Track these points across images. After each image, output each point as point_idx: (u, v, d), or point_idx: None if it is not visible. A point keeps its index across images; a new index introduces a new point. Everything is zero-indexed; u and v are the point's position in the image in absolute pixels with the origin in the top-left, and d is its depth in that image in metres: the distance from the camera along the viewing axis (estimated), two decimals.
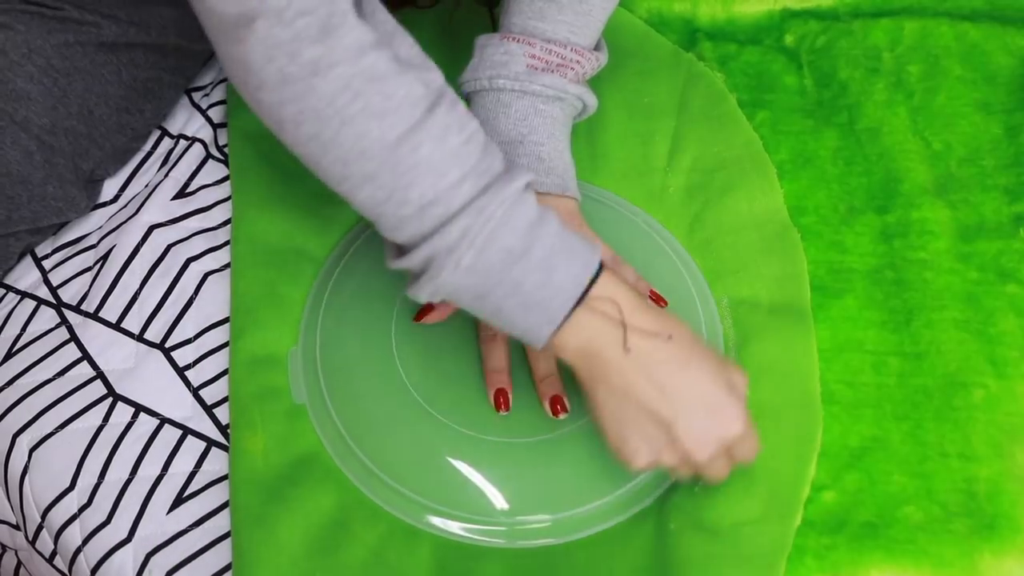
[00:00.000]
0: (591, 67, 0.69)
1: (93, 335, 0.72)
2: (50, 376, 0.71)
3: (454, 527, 0.63)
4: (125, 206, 0.79)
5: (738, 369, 0.60)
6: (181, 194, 0.78)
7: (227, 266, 0.74)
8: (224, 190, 0.78)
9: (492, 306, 0.56)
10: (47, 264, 0.77)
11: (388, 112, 0.52)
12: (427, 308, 0.68)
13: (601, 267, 0.57)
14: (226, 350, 0.70)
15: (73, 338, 0.72)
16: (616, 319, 0.56)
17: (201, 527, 0.64)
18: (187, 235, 0.76)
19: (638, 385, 0.56)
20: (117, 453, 0.67)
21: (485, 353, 0.66)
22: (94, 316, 0.73)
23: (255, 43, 0.50)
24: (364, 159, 0.53)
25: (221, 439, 0.68)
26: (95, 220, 0.79)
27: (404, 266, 0.56)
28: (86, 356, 0.71)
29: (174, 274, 0.74)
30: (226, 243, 0.75)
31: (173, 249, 0.75)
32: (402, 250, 0.56)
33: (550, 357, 0.65)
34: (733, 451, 0.58)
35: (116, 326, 0.72)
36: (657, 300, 0.68)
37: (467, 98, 0.70)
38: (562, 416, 0.65)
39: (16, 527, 0.71)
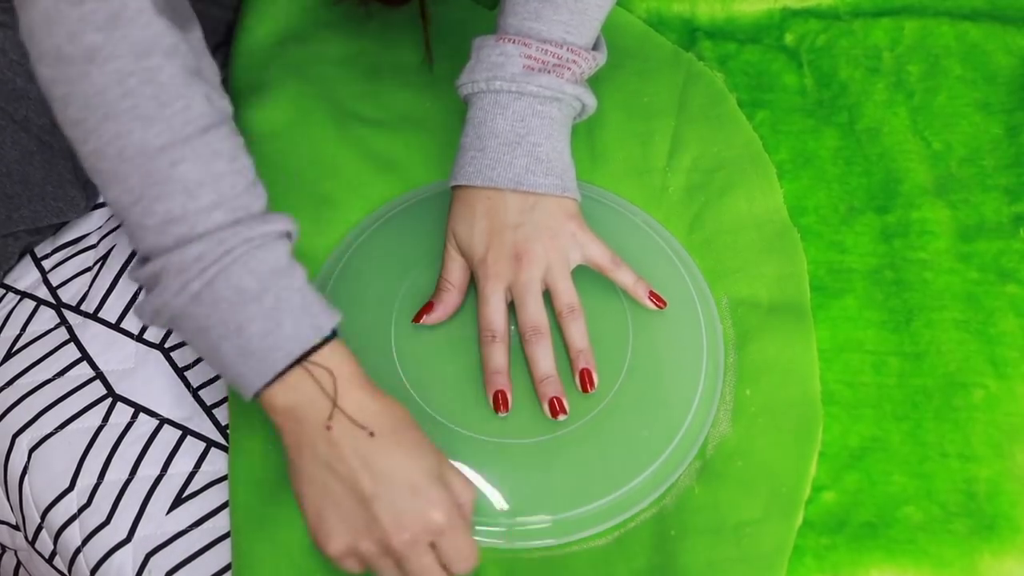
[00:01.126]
0: (588, 67, 0.69)
1: (93, 335, 0.72)
2: (50, 376, 0.71)
3: None
4: None
5: (460, 475, 0.57)
6: None
7: None
8: None
9: (211, 343, 0.54)
10: (47, 264, 0.77)
11: (157, 119, 0.51)
12: (427, 308, 0.68)
13: (333, 337, 0.55)
14: None
15: (73, 338, 0.72)
16: (328, 392, 0.54)
17: (200, 527, 0.64)
18: None
19: (343, 457, 0.54)
20: (116, 453, 0.67)
21: (485, 355, 0.66)
22: (94, 316, 0.73)
23: (40, 13, 0.50)
24: (119, 159, 0.52)
25: (220, 439, 0.68)
26: (95, 220, 0.79)
27: (137, 277, 0.54)
28: (86, 356, 0.71)
29: None
30: None
31: None
32: (134, 270, 0.55)
33: (550, 358, 0.65)
34: (441, 550, 0.55)
35: (116, 326, 0.72)
36: (656, 301, 0.68)
37: (464, 100, 0.70)
38: (561, 418, 0.65)
39: (16, 527, 0.71)
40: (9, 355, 0.72)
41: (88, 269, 0.76)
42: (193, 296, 0.52)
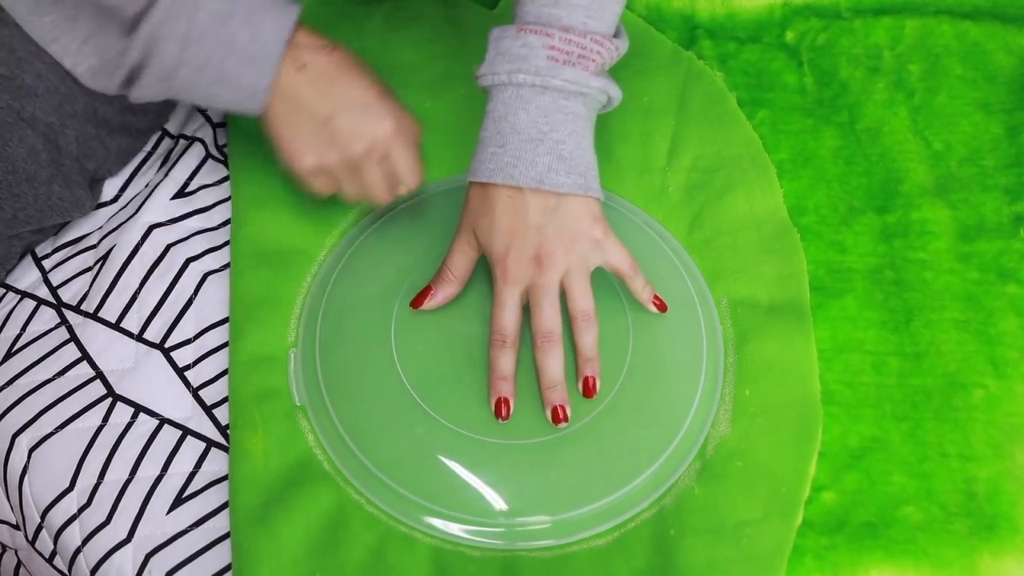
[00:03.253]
0: (611, 56, 0.66)
1: (93, 335, 0.72)
2: (50, 376, 0.71)
3: (453, 528, 0.63)
4: (125, 206, 0.79)
5: (406, 111, 0.68)
6: (181, 194, 0.78)
7: (227, 266, 0.74)
8: (224, 190, 0.78)
9: (215, 73, 0.61)
10: (47, 264, 0.77)
11: None
12: (424, 294, 0.68)
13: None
14: (226, 350, 0.71)
15: (73, 338, 0.72)
16: (288, 36, 0.63)
17: (201, 527, 0.65)
18: (187, 235, 0.76)
19: (304, 94, 0.63)
20: (116, 453, 0.67)
21: (493, 358, 0.65)
22: (94, 316, 0.73)
23: None
24: None
25: (221, 439, 0.68)
26: (95, 220, 0.79)
27: (132, 58, 0.61)
28: (86, 356, 0.71)
29: (173, 274, 0.74)
30: (226, 243, 0.75)
31: (173, 249, 0.75)
32: (125, 53, 0.61)
33: (560, 367, 0.65)
34: (391, 162, 0.66)
35: (116, 326, 0.72)
36: (659, 305, 0.68)
37: (484, 91, 0.67)
38: (562, 426, 0.65)
39: (16, 527, 0.71)
40: (9, 355, 0.72)
41: (88, 269, 0.76)
42: (184, 36, 0.59)
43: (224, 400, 0.69)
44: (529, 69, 0.64)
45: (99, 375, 0.70)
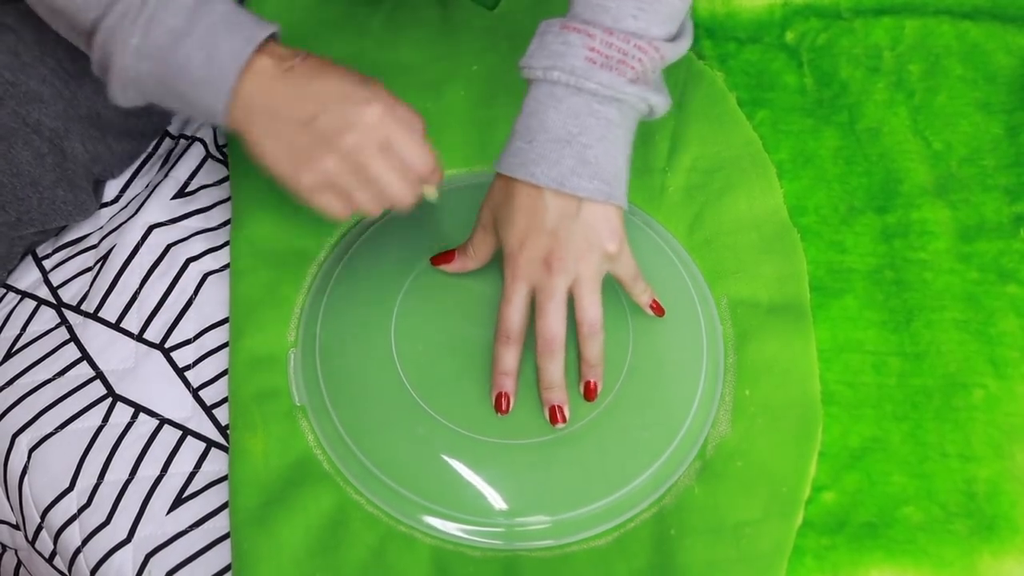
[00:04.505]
0: (654, 64, 0.62)
1: (93, 335, 0.72)
2: (50, 376, 0.71)
3: (453, 528, 0.63)
4: (125, 206, 0.79)
5: (402, 103, 0.63)
6: (181, 194, 0.78)
7: (227, 266, 0.74)
8: (224, 190, 0.78)
9: (174, 90, 0.59)
10: (47, 264, 0.77)
11: None
12: (447, 258, 0.69)
13: (269, 39, 0.60)
14: (226, 350, 0.71)
15: (73, 338, 0.72)
16: (254, 46, 0.59)
17: (201, 527, 0.65)
18: (187, 235, 0.76)
19: (280, 106, 0.60)
20: (116, 454, 0.67)
21: (497, 354, 0.65)
22: (94, 316, 0.73)
23: None
24: None
25: (221, 440, 0.68)
26: (96, 220, 0.79)
27: (96, 63, 0.59)
28: (86, 356, 0.71)
29: (174, 274, 0.74)
30: (226, 243, 0.75)
31: (173, 249, 0.75)
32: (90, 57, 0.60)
33: (560, 371, 0.64)
34: (397, 151, 0.61)
35: (116, 326, 0.72)
36: (656, 309, 0.68)
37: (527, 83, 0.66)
38: (559, 426, 0.65)
39: (16, 527, 0.71)
40: (9, 355, 0.72)
41: (88, 269, 0.76)
42: (136, 51, 0.57)
43: (224, 400, 0.69)
44: (564, 67, 0.61)
45: (99, 375, 0.70)
